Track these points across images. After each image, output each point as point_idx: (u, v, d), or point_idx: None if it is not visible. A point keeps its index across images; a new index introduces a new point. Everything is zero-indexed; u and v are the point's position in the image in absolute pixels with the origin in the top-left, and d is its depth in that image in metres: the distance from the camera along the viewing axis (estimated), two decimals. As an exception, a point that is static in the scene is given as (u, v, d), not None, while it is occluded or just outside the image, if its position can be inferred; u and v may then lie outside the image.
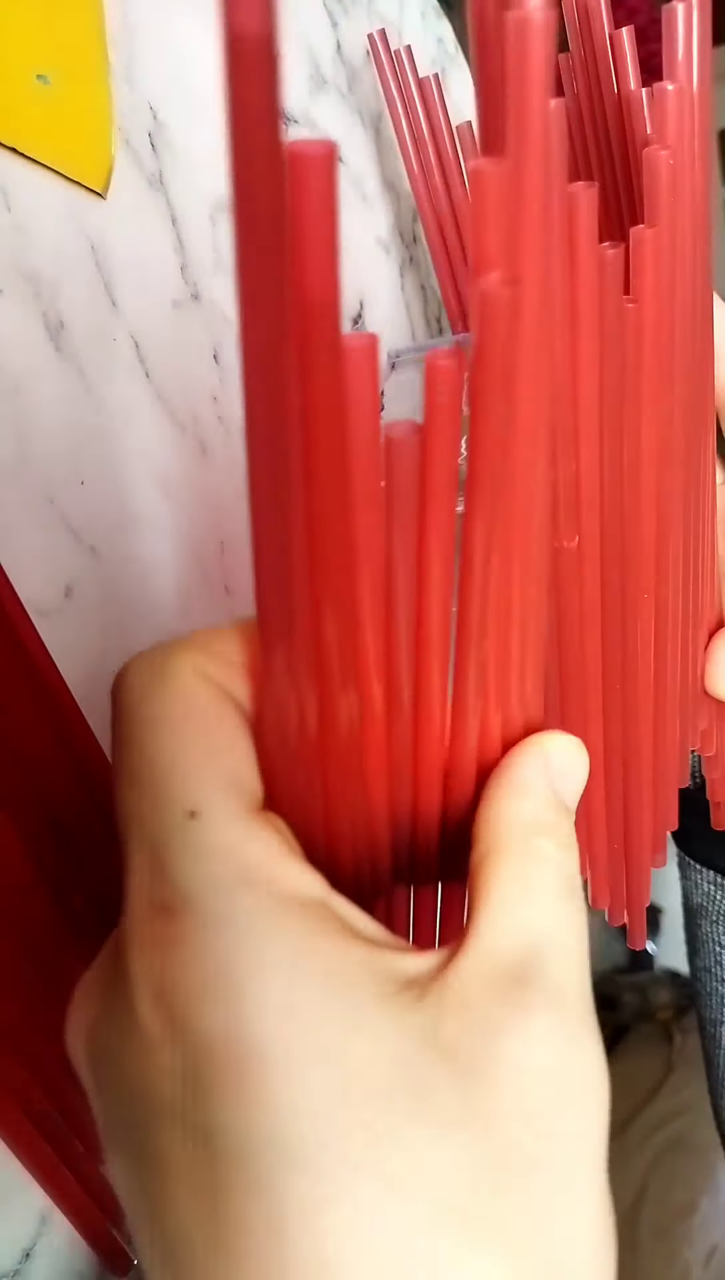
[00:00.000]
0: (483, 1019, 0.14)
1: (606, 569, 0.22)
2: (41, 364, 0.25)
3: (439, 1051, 0.13)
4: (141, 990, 0.13)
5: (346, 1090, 0.13)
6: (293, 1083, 0.13)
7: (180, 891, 0.14)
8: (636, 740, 0.26)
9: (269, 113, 0.10)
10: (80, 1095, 0.24)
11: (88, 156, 0.26)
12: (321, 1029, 0.13)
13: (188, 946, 0.13)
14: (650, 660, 0.25)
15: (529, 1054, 0.14)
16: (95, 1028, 0.15)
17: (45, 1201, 0.24)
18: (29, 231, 0.24)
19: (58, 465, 0.25)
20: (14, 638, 0.21)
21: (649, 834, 0.28)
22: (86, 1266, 0.25)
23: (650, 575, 0.23)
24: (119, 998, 0.14)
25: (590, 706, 0.24)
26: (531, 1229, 0.13)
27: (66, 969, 0.24)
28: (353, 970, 0.14)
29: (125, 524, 0.27)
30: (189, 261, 0.30)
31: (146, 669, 0.16)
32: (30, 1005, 0.21)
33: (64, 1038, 0.18)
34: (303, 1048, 0.13)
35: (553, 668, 0.23)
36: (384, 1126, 0.13)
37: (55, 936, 0.23)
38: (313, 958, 0.13)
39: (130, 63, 0.28)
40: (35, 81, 0.25)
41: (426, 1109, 0.13)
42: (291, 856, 0.14)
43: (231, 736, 0.15)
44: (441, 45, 0.48)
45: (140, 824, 0.14)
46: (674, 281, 0.20)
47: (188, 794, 0.14)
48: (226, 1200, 0.12)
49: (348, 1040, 0.13)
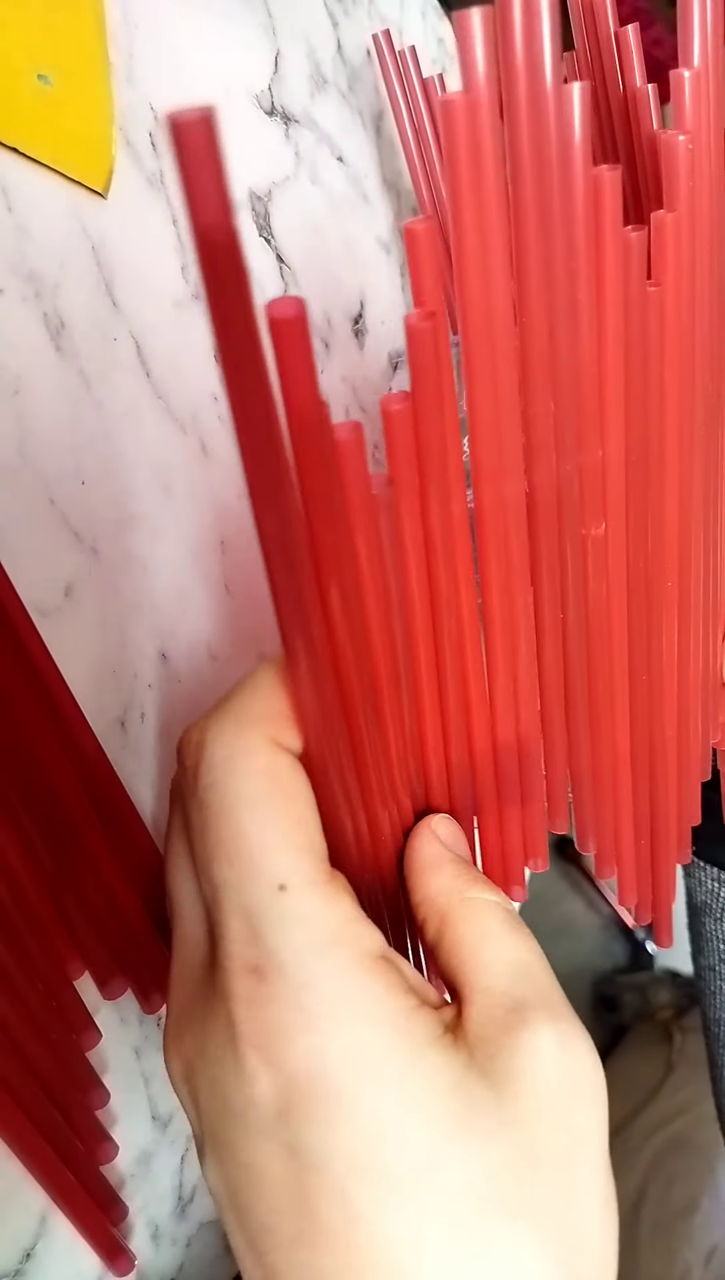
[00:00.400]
0: (500, 1046, 0.17)
1: (632, 556, 0.22)
2: (41, 364, 0.25)
3: (477, 1077, 0.17)
4: (242, 1036, 0.16)
5: (407, 1114, 0.16)
6: (364, 1109, 0.16)
7: (273, 958, 0.16)
8: (662, 734, 0.26)
9: (240, 293, 0.12)
10: (81, 1096, 0.24)
11: (88, 156, 0.26)
12: (387, 1066, 0.16)
13: (280, 1002, 0.16)
14: (675, 651, 0.25)
15: (541, 1061, 0.17)
16: (194, 1059, 0.18)
17: (45, 1201, 0.24)
18: (29, 231, 0.24)
19: (58, 465, 0.25)
20: (14, 637, 0.21)
21: (675, 829, 0.28)
22: (86, 1266, 0.25)
23: (674, 563, 0.23)
24: (218, 1038, 0.17)
25: (617, 699, 0.24)
26: (555, 1210, 0.16)
27: (63, 969, 0.24)
28: (410, 1018, 0.17)
29: (125, 524, 0.27)
30: (189, 261, 0.30)
31: (226, 745, 0.18)
32: (29, 1005, 0.21)
33: (61, 1038, 0.20)
34: (373, 1082, 0.16)
35: (579, 661, 0.23)
36: (438, 1139, 0.16)
37: (52, 937, 0.23)
38: (379, 1008, 0.17)
39: (130, 62, 0.28)
40: (35, 81, 0.25)
41: (471, 1123, 0.16)
42: (360, 918, 0.17)
43: (306, 805, 0.18)
44: (442, 45, 0.48)
45: (235, 893, 0.17)
46: (694, 265, 0.20)
47: (278, 869, 0.17)
48: (309, 1200, 0.16)
49: (408, 1074, 0.16)
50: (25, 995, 0.21)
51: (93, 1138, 0.25)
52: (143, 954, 0.25)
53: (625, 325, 0.19)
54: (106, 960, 0.24)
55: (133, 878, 0.24)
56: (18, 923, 0.21)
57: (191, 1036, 0.18)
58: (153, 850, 0.26)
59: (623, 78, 0.25)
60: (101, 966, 0.24)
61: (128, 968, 0.25)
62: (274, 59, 0.34)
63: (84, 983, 0.24)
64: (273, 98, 0.34)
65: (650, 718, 0.25)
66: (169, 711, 0.29)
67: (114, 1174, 0.26)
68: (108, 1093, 0.25)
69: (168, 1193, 0.28)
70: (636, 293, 0.18)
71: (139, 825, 0.25)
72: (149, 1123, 0.28)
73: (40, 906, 0.22)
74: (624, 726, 0.25)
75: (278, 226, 0.34)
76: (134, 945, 0.24)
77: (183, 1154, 0.29)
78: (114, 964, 0.25)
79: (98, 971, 0.24)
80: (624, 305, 0.18)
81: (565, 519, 0.20)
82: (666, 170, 0.19)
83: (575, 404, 0.19)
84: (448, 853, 0.21)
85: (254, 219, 0.33)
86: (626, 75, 0.25)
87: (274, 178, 0.34)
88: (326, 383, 0.36)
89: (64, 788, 0.22)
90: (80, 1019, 0.24)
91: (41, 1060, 0.22)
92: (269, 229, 0.33)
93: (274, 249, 0.33)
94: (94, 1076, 0.25)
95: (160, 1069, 0.28)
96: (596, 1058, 0.18)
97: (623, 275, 0.18)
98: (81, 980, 0.24)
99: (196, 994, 0.18)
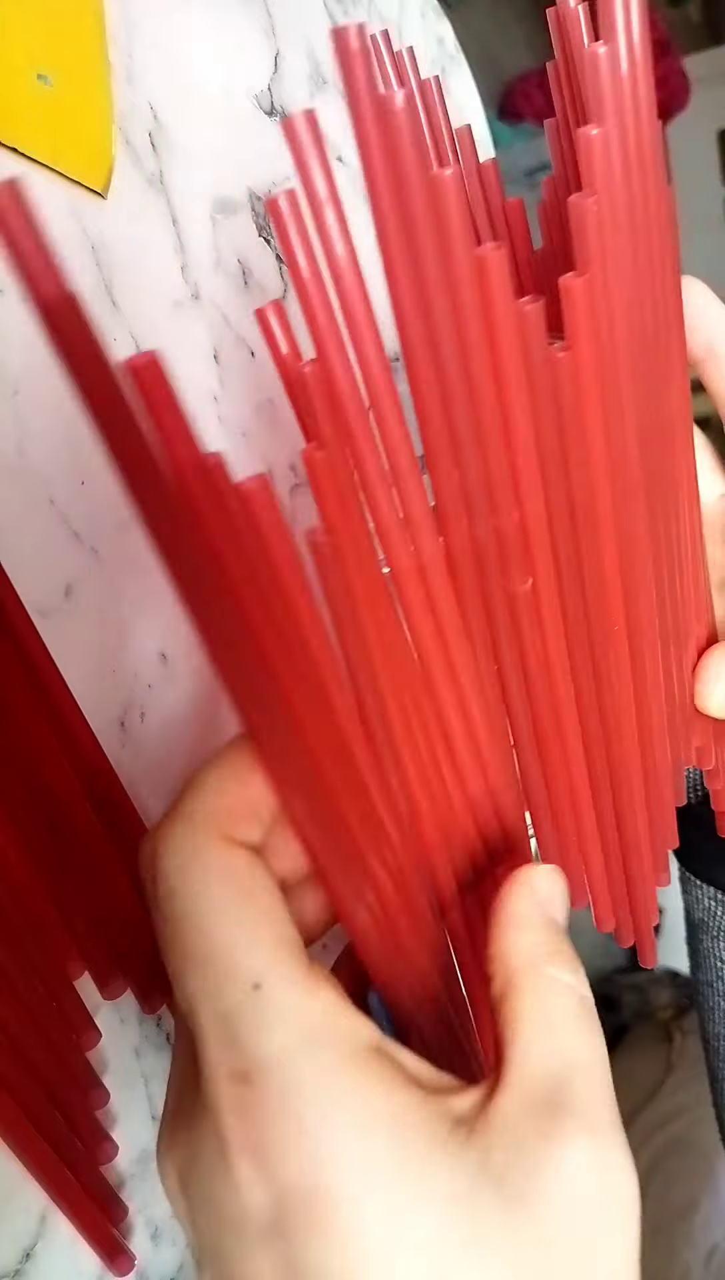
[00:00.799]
0: (526, 1150, 0.16)
1: (569, 606, 0.22)
2: (41, 364, 0.25)
3: (490, 1186, 0.15)
4: (231, 1146, 0.16)
5: (406, 1228, 0.15)
6: (363, 1224, 0.15)
7: (256, 1062, 0.15)
8: (624, 766, 0.26)
9: (93, 352, 0.12)
10: (81, 1096, 0.24)
11: (88, 156, 0.26)
12: (387, 1175, 0.15)
13: (268, 1108, 0.15)
14: (629, 688, 0.25)
15: (570, 1182, 0.16)
16: (186, 1170, 0.17)
17: (45, 1201, 0.24)
18: (29, 231, 0.24)
19: (58, 465, 0.25)
20: (14, 638, 0.21)
21: (649, 855, 0.28)
22: (86, 1266, 0.25)
23: (618, 606, 0.23)
24: (208, 1147, 0.16)
25: (569, 739, 0.25)
26: None
27: (62, 969, 0.24)
28: (411, 1116, 0.16)
29: (125, 524, 0.27)
30: (189, 261, 0.30)
31: (178, 850, 0.17)
32: (30, 1005, 0.21)
33: (61, 1038, 0.19)
34: (371, 1193, 0.15)
35: (524, 705, 0.24)
36: (439, 1260, 0.15)
37: (52, 937, 0.23)
38: (375, 1109, 0.15)
39: (130, 63, 0.28)
40: (35, 81, 0.25)
41: (478, 1242, 0.15)
42: (346, 1009, 0.16)
43: (271, 899, 0.17)
44: (442, 45, 0.48)
45: (209, 999, 0.16)
46: (612, 324, 0.20)
47: (249, 967, 0.16)
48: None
49: (408, 1183, 0.15)
50: (25, 996, 0.21)
51: (93, 1138, 0.25)
52: (142, 954, 0.25)
53: (530, 392, 0.19)
54: (106, 960, 0.24)
55: (132, 877, 0.24)
56: (18, 923, 0.21)
57: (183, 1145, 0.17)
58: None
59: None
60: (101, 967, 0.24)
61: (128, 968, 0.25)
62: (274, 59, 0.34)
63: (84, 983, 0.24)
64: (272, 97, 0.34)
65: (609, 752, 0.25)
66: (169, 711, 0.29)
67: (114, 1174, 0.26)
68: (108, 1093, 0.25)
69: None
70: (540, 360, 0.18)
71: (139, 825, 0.25)
72: (149, 1123, 0.28)
73: (40, 906, 0.22)
74: (579, 763, 0.25)
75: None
76: (134, 945, 0.24)
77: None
78: (114, 964, 0.25)
79: (98, 972, 0.24)
80: (526, 374, 0.18)
81: (488, 577, 0.21)
82: (576, 233, 0.19)
83: (483, 471, 0.19)
84: (538, 912, 0.19)
85: (254, 219, 0.33)
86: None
87: (274, 178, 0.34)
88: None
89: (63, 788, 0.22)
90: (80, 1019, 0.24)
91: (42, 1060, 0.22)
92: (269, 229, 0.33)
93: (274, 249, 0.33)
94: (94, 1076, 0.25)
95: (160, 1069, 0.28)
96: (634, 1178, 0.17)
97: (519, 346, 0.18)
98: (81, 981, 0.24)
99: (187, 1101, 0.17)
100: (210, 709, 0.30)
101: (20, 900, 0.21)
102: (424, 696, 0.21)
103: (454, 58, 0.48)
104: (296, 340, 0.20)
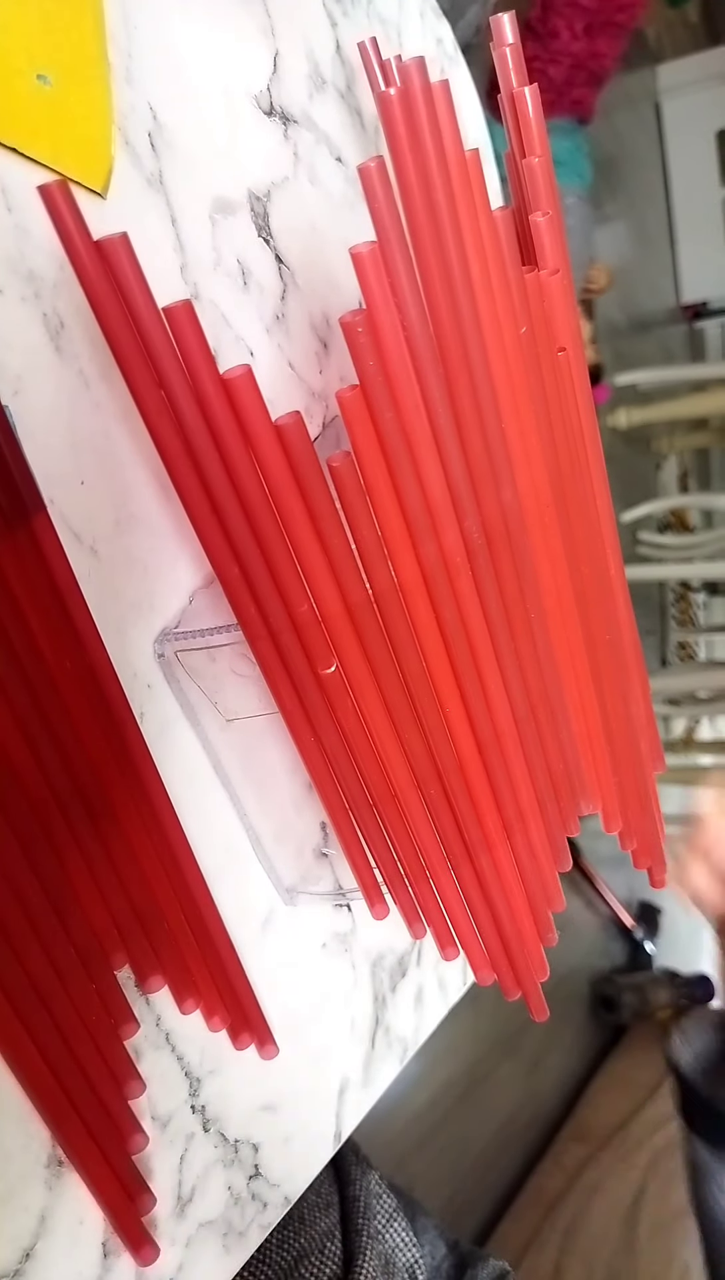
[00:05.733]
0: None
1: (386, 688, 0.25)
2: (42, 364, 0.25)
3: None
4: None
5: None
6: None
7: None
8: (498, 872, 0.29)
9: None
10: (117, 1085, 0.24)
11: (88, 156, 0.26)
12: None
13: None
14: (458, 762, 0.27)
15: None
16: None
17: (46, 1201, 0.24)
18: (30, 231, 0.24)
19: (58, 465, 0.25)
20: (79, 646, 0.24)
21: (531, 931, 0.31)
22: (86, 1266, 0.25)
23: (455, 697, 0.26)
24: None
25: (419, 828, 0.27)
26: None
27: (107, 957, 0.24)
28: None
29: (125, 524, 0.27)
30: (189, 261, 0.30)
31: None
32: (76, 992, 0.22)
33: (101, 1026, 0.21)
34: None
35: (351, 778, 0.26)
36: None
37: (97, 922, 0.23)
38: None
39: (130, 63, 0.28)
40: (35, 81, 0.25)
41: None
42: None
43: None
44: (441, 45, 0.48)
45: None
46: (396, 434, 0.22)
47: None
48: None
49: None
50: (71, 982, 0.22)
51: (126, 1127, 0.25)
52: (176, 952, 0.25)
53: (305, 502, 0.21)
54: (148, 954, 0.25)
55: (167, 872, 0.25)
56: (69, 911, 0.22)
57: None
58: (184, 844, 0.27)
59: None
60: (143, 959, 0.25)
61: (166, 965, 0.25)
62: (273, 59, 0.34)
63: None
64: (272, 98, 0.34)
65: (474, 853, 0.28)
66: (168, 711, 0.29)
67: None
68: (144, 1083, 0.25)
69: (168, 1193, 0.28)
70: (315, 487, 0.21)
71: (175, 824, 0.26)
72: (149, 1123, 0.28)
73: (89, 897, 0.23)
74: (438, 855, 0.28)
75: (277, 226, 0.34)
76: (167, 943, 0.25)
77: (182, 1154, 0.29)
78: (154, 959, 0.25)
79: (138, 963, 0.25)
80: (303, 488, 0.21)
81: (292, 663, 0.24)
82: (352, 351, 0.20)
83: (269, 567, 0.22)
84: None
85: (253, 219, 0.33)
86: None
87: (273, 178, 0.34)
88: (326, 382, 0.36)
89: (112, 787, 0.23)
90: (120, 1008, 0.24)
91: (84, 1047, 0.22)
92: (268, 229, 0.33)
93: (273, 249, 0.33)
94: (131, 1066, 0.25)
95: (161, 1069, 0.28)
96: None
97: (282, 458, 0.20)
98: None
99: None
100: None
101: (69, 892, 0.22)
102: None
103: (453, 58, 0.48)
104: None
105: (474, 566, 0.24)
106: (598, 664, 0.31)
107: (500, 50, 0.25)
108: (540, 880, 0.30)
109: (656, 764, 0.36)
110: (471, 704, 0.26)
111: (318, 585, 0.22)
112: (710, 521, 2.50)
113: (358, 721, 0.25)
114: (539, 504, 0.27)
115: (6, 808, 0.21)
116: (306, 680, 0.24)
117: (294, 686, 0.24)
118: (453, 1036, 1.35)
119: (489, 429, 0.23)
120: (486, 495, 0.24)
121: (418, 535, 0.23)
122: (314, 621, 0.23)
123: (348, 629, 0.23)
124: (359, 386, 0.20)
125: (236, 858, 0.31)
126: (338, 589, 0.22)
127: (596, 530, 0.29)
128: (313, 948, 0.36)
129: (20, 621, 0.22)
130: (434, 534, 0.23)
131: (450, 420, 0.22)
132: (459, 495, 0.23)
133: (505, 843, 0.28)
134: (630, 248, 2.25)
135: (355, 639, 0.23)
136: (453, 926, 0.30)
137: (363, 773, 0.26)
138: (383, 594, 0.23)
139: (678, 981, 1.66)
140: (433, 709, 0.25)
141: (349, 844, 0.28)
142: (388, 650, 0.24)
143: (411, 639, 0.24)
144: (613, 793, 0.33)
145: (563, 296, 0.25)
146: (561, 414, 0.27)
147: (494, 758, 0.27)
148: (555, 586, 0.28)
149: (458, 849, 0.27)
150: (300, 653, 0.23)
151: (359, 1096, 0.38)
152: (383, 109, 0.19)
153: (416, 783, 0.26)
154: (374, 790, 0.26)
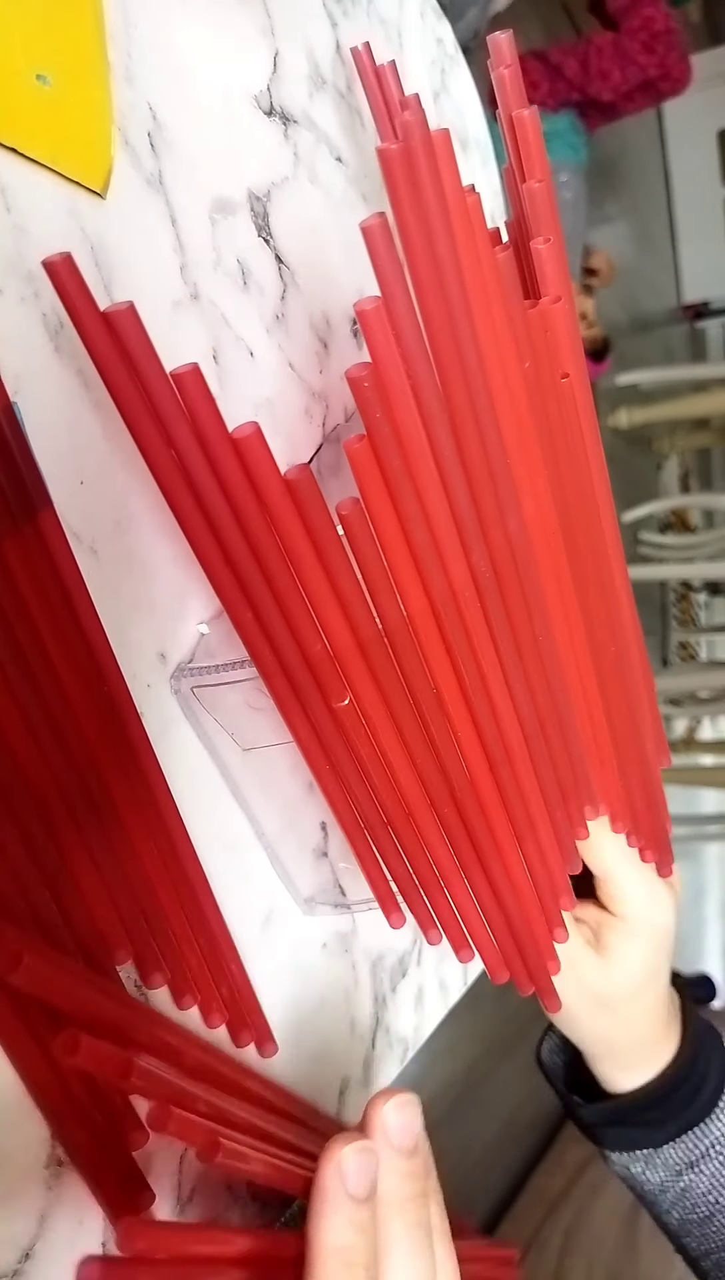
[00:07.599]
0: None
1: (401, 721, 0.26)
2: (41, 364, 0.25)
3: None
4: None
5: None
6: None
7: None
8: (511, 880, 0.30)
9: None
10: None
11: (88, 156, 0.26)
12: None
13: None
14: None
15: None
16: None
17: (45, 1202, 0.24)
18: (29, 231, 0.24)
19: (58, 465, 0.25)
20: (86, 645, 0.23)
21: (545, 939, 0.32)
22: (86, 1266, 0.25)
23: (465, 717, 0.27)
24: None
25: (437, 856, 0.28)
26: None
27: (110, 951, 0.24)
28: None
29: (125, 524, 0.27)
30: (189, 261, 0.30)
31: None
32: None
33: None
34: None
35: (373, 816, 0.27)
36: None
37: (100, 917, 0.23)
38: None
39: (130, 63, 0.28)
40: (35, 81, 0.25)
41: None
42: None
43: None
44: (441, 45, 0.48)
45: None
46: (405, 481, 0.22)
47: None
48: None
49: None
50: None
51: (126, 1123, 0.25)
52: (177, 949, 0.25)
53: (316, 551, 0.21)
54: (151, 950, 0.25)
55: (169, 868, 0.25)
56: (72, 906, 0.22)
57: None
58: (186, 841, 0.27)
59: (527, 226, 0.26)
60: (147, 955, 0.25)
61: (169, 961, 0.25)
62: (273, 59, 0.34)
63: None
64: (272, 98, 0.34)
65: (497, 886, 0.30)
66: (168, 711, 0.29)
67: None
68: None
69: (168, 1193, 0.28)
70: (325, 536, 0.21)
71: (177, 821, 0.26)
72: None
73: (93, 892, 0.23)
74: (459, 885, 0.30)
75: (277, 227, 0.34)
76: (169, 940, 0.25)
77: (182, 1154, 0.29)
78: (157, 955, 0.25)
79: (142, 959, 0.25)
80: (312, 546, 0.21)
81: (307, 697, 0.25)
82: (359, 405, 0.20)
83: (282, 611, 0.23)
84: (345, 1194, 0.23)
85: (253, 219, 0.33)
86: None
87: (273, 178, 0.34)
88: (326, 382, 0.36)
89: (116, 782, 0.24)
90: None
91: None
92: (268, 229, 0.33)
93: (273, 249, 0.33)
94: None
95: (160, 1069, 0.28)
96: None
97: (293, 511, 0.21)
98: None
99: None
100: (210, 709, 0.30)
101: (72, 886, 0.22)
102: None
103: (453, 58, 0.48)
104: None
105: (482, 597, 0.25)
106: (604, 677, 0.31)
107: (499, 72, 0.25)
108: (550, 882, 0.31)
109: (662, 759, 0.37)
110: (483, 727, 0.26)
111: (330, 625, 0.23)
112: (711, 521, 2.50)
113: (372, 749, 0.26)
114: (545, 530, 0.27)
115: (10, 800, 0.21)
116: (321, 714, 0.25)
117: (309, 720, 0.25)
118: (453, 1036, 1.35)
119: (495, 465, 0.24)
120: (492, 527, 0.24)
121: (426, 571, 0.23)
122: (327, 658, 0.23)
123: (360, 663, 0.24)
124: (366, 438, 0.21)
125: (237, 856, 0.31)
126: (349, 627, 0.23)
127: (601, 546, 0.29)
128: (313, 947, 0.36)
129: (26, 617, 0.22)
130: (442, 568, 0.23)
131: (456, 462, 0.22)
132: (466, 530, 0.24)
133: (516, 850, 0.29)
134: (631, 247, 2.25)
135: (367, 673, 0.24)
136: (467, 931, 0.31)
137: (378, 796, 0.27)
138: (393, 629, 0.24)
139: (678, 982, 1.65)
140: (445, 734, 0.26)
141: (365, 860, 0.29)
142: (400, 682, 0.25)
143: (422, 670, 0.25)
144: (620, 796, 0.34)
145: (565, 323, 0.25)
146: (566, 440, 0.27)
147: (505, 774, 0.28)
148: (563, 608, 0.29)
149: (471, 859, 0.29)
150: (314, 688, 0.24)
151: (359, 1096, 0.38)
152: (384, 163, 0.19)
153: (430, 802, 0.27)
154: (389, 811, 0.27)
